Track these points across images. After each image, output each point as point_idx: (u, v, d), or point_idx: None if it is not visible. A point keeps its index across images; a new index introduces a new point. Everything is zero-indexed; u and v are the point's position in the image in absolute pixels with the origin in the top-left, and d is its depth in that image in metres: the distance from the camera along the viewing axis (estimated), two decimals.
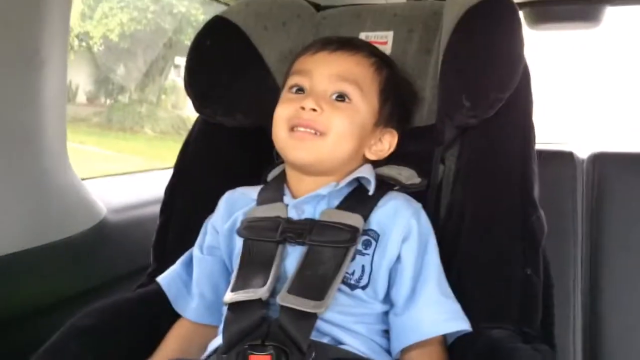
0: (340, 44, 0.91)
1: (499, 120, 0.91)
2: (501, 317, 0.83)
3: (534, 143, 0.93)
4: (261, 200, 0.90)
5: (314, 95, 0.85)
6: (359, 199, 0.86)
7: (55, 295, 1.17)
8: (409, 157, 0.95)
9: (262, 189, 0.93)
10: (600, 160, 1.36)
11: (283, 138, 0.87)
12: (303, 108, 0.84)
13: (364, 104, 0.88)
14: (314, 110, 0.84)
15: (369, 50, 0.93)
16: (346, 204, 0.85)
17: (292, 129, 0.85)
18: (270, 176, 0.97)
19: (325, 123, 0.84)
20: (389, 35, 1.06)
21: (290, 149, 0.86)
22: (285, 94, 0.91)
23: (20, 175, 1.07)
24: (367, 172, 0.88)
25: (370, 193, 0.86)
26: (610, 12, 1.59)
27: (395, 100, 0.93)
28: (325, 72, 0.88)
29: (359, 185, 0.88)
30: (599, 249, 1.30)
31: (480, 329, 0.81)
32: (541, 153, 0.94)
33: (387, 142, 0.93)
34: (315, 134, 0.84)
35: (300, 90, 0.89)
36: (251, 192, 0.94)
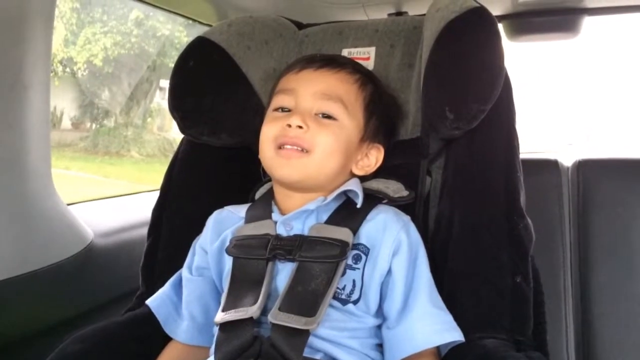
0: (324, 61, 0.92)
1: (483, 131, 0.92)
2: (493, 326, 0.83)
3: (518, 152, 0.93)
4: (249, 218, 0.90)
5: (299, 113, 0.86)
6: (348, 213, 0.86)
7: (44, 322, 1.15)
8: (395, 170, 0.96)
9: (250, 207, 0.93)
10: (585, 167, 1.37)
11: (270, 157, 0.87)
12: (289, 125, 0.84)
13: (350, 120, 0.88)
14: (300, 127, 0.84)
15: (353, 67, 0.94)
16: (335, 219, 0.85)
17: (278, 147, 0.85)
18: (258, 194, 0.98)
19: (311, 140, 0.84)
20: (371, 51, 1.07)
21: (277, 167, 0.86)
22: (270, 113, 0.91)
23: (4, 201, 1.06)
24: (354, 186, 0.88)
25: (359, 206, 0.86)
26: (588, 22, 1.62)
27: (380, 115, 0.94)
28: (310, 90, 0.88)
29: (347, 199, 0.89)
30: (587, 255, 1.31)
31: (472, 338, 0.81)
32: (526, 162, 0.94)
33: (373, 158, 0.93)
34: (302, 151, 0.84)
35: (286, 109, 0.89)
36: (239, 211, 0.93)
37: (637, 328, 1.25)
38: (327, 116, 0.87)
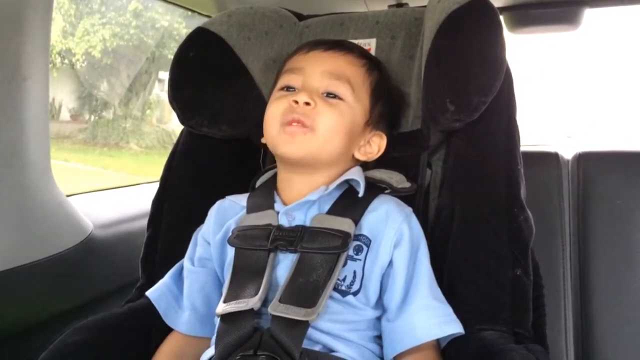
0: (332, 44, 0.93)
1: (483, 123, 0.91)
2: (493, 319, 0.83)
3: (519, 145, 0.93)
4: (251, 208, 0.90)
5: (306, 90, 0.86)
6: (350, 203, 0.86)
7: (44, 313, 1.15)
8: (395, 162, 0.96)
9: (250, 195, 0.93)
10: (585, 159, 1.37)
11: (274, 133, 0.87)
12: (296, 102, 0.84)
13: (355, 102, 0.88)
14: (307, 104, 0.84)
15: (360, 52, 0.94)
16: (337, 209, 0.85)
17: (284, 124, 0.85)
18: (259, 183, 0.97)
19: (317, 118, 0.84)
20: (372, 43, 1.06)
21: (281, 144, 0.86)
22: (276, 92, 0.91)
23: (3, 193, 1.06)
24: (356, 175, 0.88)
25: (360, 195, 0.86)
26: (589, 14, 1.62)
27: (385, 102, 0.94)
28: (318, 69, 0.88)
29: (348, 188, 0.88)
30: (587, 248, 1.31)
31: (472, 331, 0.81)
32: (526, 154, 0.94)
33: (375, 145, 0.93)
34: (307, 128, 0.84)
35: (292, 89, 0.89)
36: (241, 200, 0.93)
37: (637, 320, 1.26)
38: (334, 96, 0.87)
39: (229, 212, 0.93)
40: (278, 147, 0.87)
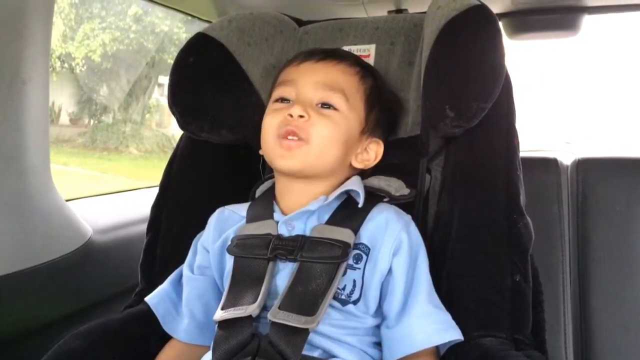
0: (325, 54, 0.93)
1: (483, 129, 0.91)
2: (492, 325, 0.83)
3: (518, 150, 0.93)
4: (251, 217, 0.90)
5: (300, 103, 0.86)
6: (349, 212, 0.86)
7: (42, 318, 1.15)
8: (395, 168, 0.96)
9: (250, 205, 0.93)
10: (584, 165, 1.37)
11: (271, 146, 0.87)
12: (291, 116, 0.85)
13: (350, 111, 0.88)
14: (302, 116, 0.84)
15: (353, 60, 0.94)
16: (336, 219, 0.85)
17: (280, 137, 0.85)
18: (259, 192, 0.97)
19: (311, 130, 0.84)
20: (371, 49, 1.07)
21: (278, 158, 0.86)
22: (271, 105, 0.91)
23: (2, 197, 1.06)
24: (355, 185, 0.88)
25: (360, 205, 0.86)
26: (588, 21, 1.62)
27: (381, 109, 0.94)
28: (311, 80, 0.88)
29: (347, 198, 0.88)
30: (586, 254, 1.31)
31: (471, 338, 0.81)
32: (525, 160, 0.94)
33: (373, 152, 0.93)
34: (302, 140, 0.84)
35: (286, 101, 0.89)
36: (240, 210, 0.93)
37: (636, 327, 1.26)
38: (328, 106, 0.87)
39: (228, 221, 0.93)
40: (275, 161, 0.87)
